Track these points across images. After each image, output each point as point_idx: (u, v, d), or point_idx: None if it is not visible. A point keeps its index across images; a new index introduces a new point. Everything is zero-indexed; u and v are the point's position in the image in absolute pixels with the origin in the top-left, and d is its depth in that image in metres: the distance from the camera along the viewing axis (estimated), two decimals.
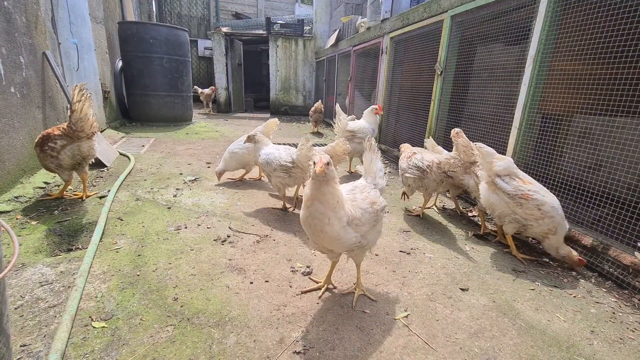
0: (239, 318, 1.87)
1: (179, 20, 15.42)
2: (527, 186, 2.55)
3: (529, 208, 2.49)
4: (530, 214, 2.50)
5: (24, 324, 1.73)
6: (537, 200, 2.48)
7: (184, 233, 2.83)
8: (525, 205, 2.50)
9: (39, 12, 4.17)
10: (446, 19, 4.13)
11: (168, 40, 8.09)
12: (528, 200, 2.49)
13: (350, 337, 1.78)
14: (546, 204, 2.47)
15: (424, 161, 3.18)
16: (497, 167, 2.63)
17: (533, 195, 2.49)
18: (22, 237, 2.58)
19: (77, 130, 3.12)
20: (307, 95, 12.55)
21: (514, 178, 2.61)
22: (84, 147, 3.22)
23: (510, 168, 2.63)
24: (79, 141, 3.18)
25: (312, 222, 1.73)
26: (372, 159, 2.13)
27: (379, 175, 2.12)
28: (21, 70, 3.64)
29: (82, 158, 3.27)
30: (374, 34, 6.48)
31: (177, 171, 4.59)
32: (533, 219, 2.51)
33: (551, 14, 2.85)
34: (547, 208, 2.46)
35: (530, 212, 2.50)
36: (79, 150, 3.20)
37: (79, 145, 3.18)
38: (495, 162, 2.65)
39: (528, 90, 3.07)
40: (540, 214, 2.47)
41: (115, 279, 2.15)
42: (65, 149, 3.14)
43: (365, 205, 1.89)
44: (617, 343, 1.84)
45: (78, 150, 3.19)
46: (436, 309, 2.04)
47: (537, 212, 2.48)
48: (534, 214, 2.49)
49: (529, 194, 2.50)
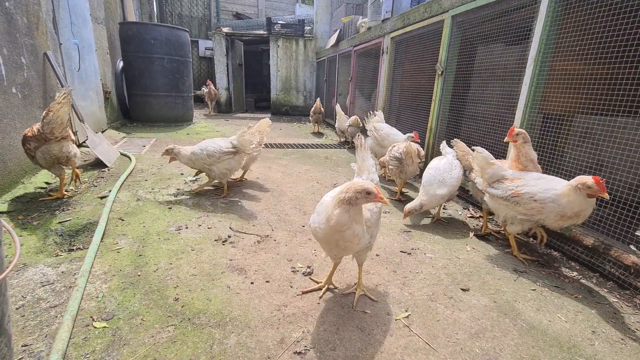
0: (240, 318, 1.87)
1: (179, 21, 15.43)
2: (515, 183, 2.53)
3: (526, 203, 2.44)
4: (530, 208, 2.44)
5: (25, 324, 1.73)
6: (528, 192, 2.43)
7: (184, 233, 2.83)
8: (521, 202, 2.46)
9: (40, 12, 4.18)
10: (447, 19, 4.12)
11: (169, 41, 8.10)
12: (520, 196, 2.45)
13: (351, 337, 1.78)
14: (537, 193, 2.40)
15: (399, 150, 3.62)
16: (486, 177, 2.69)
17: (522, 189, 2.46)
18: (23, 238, 2.58)
19: (45, 133, 3.11)
20: (308, 95, 12.55)
21: (502, 181, 2.62)
22: (54, 148, 3.20)
23: (497, 173, 2.64)
24: (48, 143, 3.17)
25: (344, 244, 1.73)
26: (364, 157, 2.15)
27: (372, 171, 2.14)
28: (22, 71, 3.65)
29: (55, 158, 3.27)
30: (374, 34, 6.48)
31: (177, 171, 4.60)
32: (536, 211, 2.42)
33: (552, 14, 2.84)
34: (541, 196, 2.39)
35: (530, 206, 2.43)
36: (49, 152, 3.19)
37: (48, 148, 3.18)
38: (486, 170, 2.68)
39: (529, 91, 3.07)
40: (539, 205, 2.39)
41: (116, 279, 2.15)
42: (38, 150, 3.18)
43: (371, 205, 1.91)
44: (618, 343, 1.84)
45: (48, 151, 3.19)
46: (437, 310, 2.04)
47: (535, 204, 2.40)
48: (533, 206, 2.42)
49: (517, 190, 2.47)
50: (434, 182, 3.11)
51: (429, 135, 4.69)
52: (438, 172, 3.16)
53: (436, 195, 3.07)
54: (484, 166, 2.71)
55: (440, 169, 3.18)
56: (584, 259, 2.63)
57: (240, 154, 3.74)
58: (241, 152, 3.72)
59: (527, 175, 2.59)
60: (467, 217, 3.58)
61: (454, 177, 3.12)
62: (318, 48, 11.91)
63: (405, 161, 3.59)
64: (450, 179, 3.10)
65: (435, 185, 3.10)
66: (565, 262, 2.72)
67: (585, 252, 2.62)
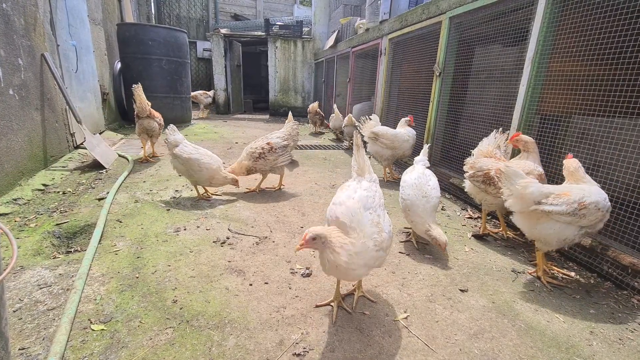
0: (239, 320, 1.86)
1: (177, 22, 15.42)
2: (574, 195, 2.19)
3: (591, 213, 2.14)
4: (594, 218, 2.16)
5: (22, 326, 1.72)
6: (592, 200, 2.15)
7: (183, 235, 2.83)
8: (587, 214, 2.14)
9: (38, 14, 4.17)
10: (444, 21, 4.14)
11: (167, 42, 8.09)
12: (587, 207, 2.14)
13: (350, 338, 1.78)
14: (600, 200, 2.16)
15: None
16: (532, 195, 2.24)
17: (587, 200, 2.15)
18: (20, 240, 2.57)
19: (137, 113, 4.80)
20: (306, 96, 12.56)
21: (558, 197, 2.21)
22: (144, 122, 4.81)
23: (542, 189, 2.26)
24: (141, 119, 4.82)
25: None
26: (364, 156, 2.08)
27: (371, 170, 2.09)
28: (20, 72, 3.64)
29: (144, 129, 4.87)
30: (372, 35, 6.50)
31: (175, 172, 4.57)
32: (598, 220, 2.19)
33: (549, 16, 2.86)
34: (603, 203, 2.17)
35: (594, 217, 2.16)
36: (141, 125, 4.83)
37: (141, 122, 4.82)
38: (525, 187, 2.25)
39: (526, 92, 3.08)
40: (601, 213, 2.16)
41: (114, 281, 2.14)
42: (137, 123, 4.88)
43: (387, 227, 1.84)
44: (616, 344, 1.84)
45: (141, 124, 4.83)
46: (436, 310, 2.04)
47: (599, 213, 2.16)
48: (597, 216, 2.16)
49: (584, 202, 2.15)
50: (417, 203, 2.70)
51: (427, 136, 4.69)
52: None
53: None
54: (521, 184, 2.28)
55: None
56: (581, 259, 2.64)
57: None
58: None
59: (573, 186, 2.32)
60: (466, 217, 3.59)
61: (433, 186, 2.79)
62: (316, 49, 11.93)
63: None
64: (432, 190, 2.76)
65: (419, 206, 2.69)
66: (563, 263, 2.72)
67: (583, 252, 2.63)
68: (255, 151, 3.83)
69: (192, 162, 3.49)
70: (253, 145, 3.91)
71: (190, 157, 3.50)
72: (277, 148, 3.88)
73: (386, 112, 6.19)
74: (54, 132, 4.41)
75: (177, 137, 3.63)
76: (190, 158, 3.50)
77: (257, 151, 3.83)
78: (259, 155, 3.82)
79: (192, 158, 3.50)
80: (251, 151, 3.86)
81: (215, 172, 3.57)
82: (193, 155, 3.52)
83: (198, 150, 3.62)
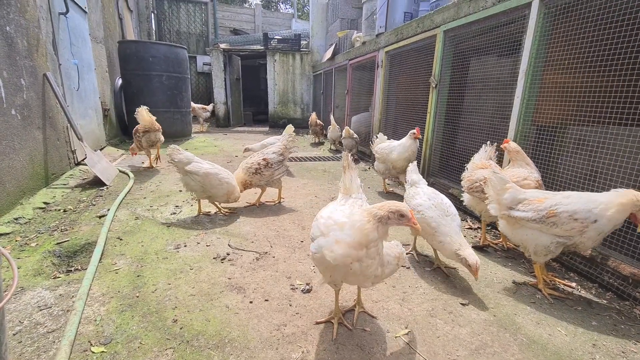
0: (239, 339, 1.86)
1: (178, 37, 15.69)
2: (547, 202, 2.18)
3: (564, 222, 2.10)
4: (569, 228, 2.10)
5: (22, 350, 1.72)
6: (565, 210, 2.10)
7: (183, 252, 2.83)
8: (559, 223, 2.12)
9: (40, 35, 4.25)
10: (439, 34, 4.21)
11: (167, 58, 8.22)
12: (557, 215, 2.11)
13: (350, 356, 1.77)
14: (579, 210, 2.07)
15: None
16: (505, 201, 2.34)
17: (558, 208, 2.12)
18: (21, 260, 2.58)
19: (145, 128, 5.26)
20: (305, 108, 12.67)
21: (528, 203, 2.25)
22: (151, 136, 5.35)
23: (516, 195, 2.32)
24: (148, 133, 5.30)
25: (360, 266, 1.71)
26: (352, 177, 2.10)
27: (360, 191, 2.12)
28: (22, 92, 3.70)
29: (151, 142, 5.40)
30: (369, 48, 6.60)
31: (176, 188, 4.61)
32: (576, 232, 2.10)
33: (541, 29, 2.91)
34: (584, 214, 2.07)
35: (569, 226, 2.09)
36: (149, 138, 5.34)
37: (148, 135, 5.34)
38: (499, 193, 2.35)
39: (521, 104, 3.12)
40: (579, 224, 2.07)
41: (115, 301, 2.14)
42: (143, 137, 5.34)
43: (392, 252, 1.85)
44: (619, 357, 1.83)
45: (148, 137, 5.34)
46: (437, 325, 2.03)
47: (576, 224, 2.07)
48: (574, 226, 2.08)
49: (554, 210, 2.13)
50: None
51: (425, 147, 4.73)
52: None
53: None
54: (500, 189, 2.38)
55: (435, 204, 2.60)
56: (582, 269, 2.63)
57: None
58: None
59: (551, 193, 2.31)
60: (465, 228, 3.59)
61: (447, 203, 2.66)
62: (314, 62, 12.09)
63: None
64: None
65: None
66: (564, 273, 2.71)
67: (584, 262, 2.63)
68: (252, 166, 3.87)
69: (212, 178, 3.44)
70: (249, 161, 3.95)
71: (208, 172, 3.45)
72: (272, 163, 3.92)
73: (384, 123, 6.24)
74: (55, 150, 4.45)
75: (187, 154, 3.54)
76: (209, 173, 3.44)
77: (254, 167, 3.86)
78: (255, 171, 3.86)
79: (210, 173, 3.45)
80: (247, 166, 3.90)
81: (235, 187, 3.58)
82: (211, 170, 3.48)
83: (214, 165, 3.62)
